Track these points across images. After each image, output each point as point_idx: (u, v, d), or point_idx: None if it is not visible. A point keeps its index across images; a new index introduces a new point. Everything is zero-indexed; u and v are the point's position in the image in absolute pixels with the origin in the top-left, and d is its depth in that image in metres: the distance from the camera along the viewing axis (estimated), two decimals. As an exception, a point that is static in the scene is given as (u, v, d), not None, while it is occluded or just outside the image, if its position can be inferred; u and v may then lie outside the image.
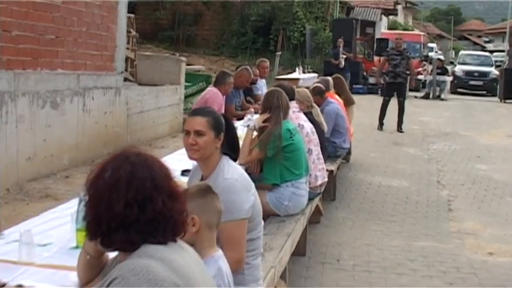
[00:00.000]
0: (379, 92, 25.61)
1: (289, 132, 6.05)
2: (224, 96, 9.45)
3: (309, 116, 7.42)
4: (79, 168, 10.07)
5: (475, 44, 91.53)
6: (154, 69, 15.03)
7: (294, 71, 22.29)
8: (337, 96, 10.47)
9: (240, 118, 9.21)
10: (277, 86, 6.91)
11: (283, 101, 6.11)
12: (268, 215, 6.04)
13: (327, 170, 8.13)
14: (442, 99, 26.05)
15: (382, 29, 39.89)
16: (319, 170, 6.89)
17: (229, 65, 28.00)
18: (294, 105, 6.87)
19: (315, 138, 6.94)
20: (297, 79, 19.20)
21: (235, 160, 4.09)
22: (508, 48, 33.01)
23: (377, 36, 34.54)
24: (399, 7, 52.71)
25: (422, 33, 39.51)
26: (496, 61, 36.66)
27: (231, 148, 4.05)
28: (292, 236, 5.52)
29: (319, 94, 9.23)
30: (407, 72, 16.43)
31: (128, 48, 13.63)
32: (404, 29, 46.82)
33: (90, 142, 10.88)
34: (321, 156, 7.00)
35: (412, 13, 71.53)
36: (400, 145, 14.43)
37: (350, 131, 10.39)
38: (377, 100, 23.26)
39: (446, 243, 7.60)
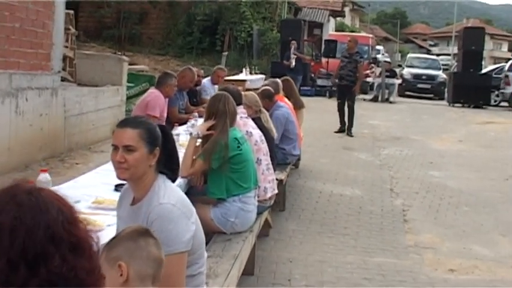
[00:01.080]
0: (327, 94, 25.32)
1: (236, 141, 5.46)
2: (167, 99, 8.84)
3: (258, 121, 6.84)
4: (11, 175, 9.36)
5: (421, 47, 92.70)
6: (95, 69, 14.32)
7: (241, 71, 21.70)
8: (286, 100, 9.94)
9: (184, 122, 8.62)
10: (223, 89, 6.33)
11: (229, 106, 5.52)
12: (213, 233, 5.48)
13: (276, 179, 7.60)
14: (390, 102, 25.76)
15: (329, 31, 39.64)
16: (268, 181, 6.32)
17: (175, 65, 27.40)
18: (241, 111, 6.28)
19: (264, 146, 6.36)
20: (244, 80, 18.66)
21: (173, 180, 3.47)
22: (456, 51, 32.94)
23: (324, 37, 34.20)
24: (346, 9, 52.65)
25: (370, 35, 39.27)
26: (442, 65, 36.60)
27: (169, 165, 3.43)
28: (240, 258, 4.94)
29: (268, 97, 8.67)
30: (355, 76, 15.91)
31: (66, 47, 12.90)
32: (352, 31, 46.76)
33: (24, 147, 10.17)
34: (270, 166, 6.43)
35: (359, 15, 71.85)
36: (351, 150, 13.95)
37: (300, 136, 9.85)
38: (325, 102, 23.04)
39: (404, 258, 7.10)
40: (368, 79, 27.27)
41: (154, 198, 3.22)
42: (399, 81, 28.12)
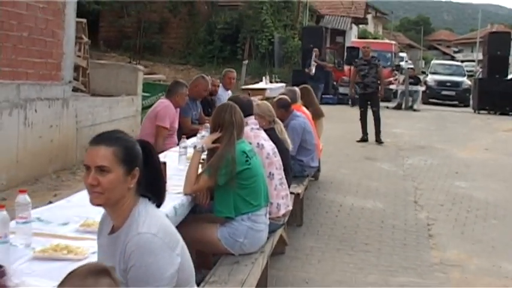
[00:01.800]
0: (350, 102, 24.88)
1: (244, 155, 5.02)
2: (178, 109, 8.44)
3: (271, 133, 6.40)
4: (20, 188, 9.01)
5: (445, 53, 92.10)
6: (110, 79, 14.02)
7: (261, 80, 21.33)
8: (304, 109, 9.52)
9: (196, 133, 8.21)
10: (231, 99, 5.90)
11: (236, 117, 5.08)
12: (220, 254, 5.06)
13: (292, 193, 7.19)
14: (414, 110, 25.23)
15: (352, 38, 39.18)
16: (281, 197, 5.84)
17: (196, 74, 26.96)
18: (252, 121, 5.86)
19: (277, 160, 5.89)
20: (264, 89, 18.33)
21: (159, 205, 3.02)
22: (481, 57, 32.36)
23: (347, 45, 33.74)
24: (369, 16, 52.20)
25: (393, 42, 38.74)
26: (467, 71, 35.97)
27: (153, 188, 2.97)
28: (248, 283, 4.50)
29: (284, 107, 8.25)
30: (378, 81, 15.55)
31: (79, 56, 12.61)
32: (375, 38, 46.31)
33: (33, 159, 9.86)
34: (284, 181, 5.96)
35: (382, 22, 71.45)
36: (373, 160, 13.48)
37: (319, 147, 9.40)
38: (348, 111, 22.59)
39: (429, 278, 6.61)
40: (391, 86, 26.88)
41: (133, 227, 2.78)
42: (423, 88, 27.59)
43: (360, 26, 48.22)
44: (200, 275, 5.69)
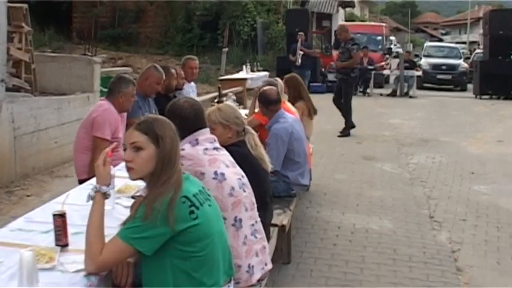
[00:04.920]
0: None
1: (187, 203, 2.98)
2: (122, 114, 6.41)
3: (240, 149, 4.35)
4: None
5: (432, 36, 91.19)
6: (62, 74, 11.94)
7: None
8: (289, 105, 7.56)
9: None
10: (169, 108, 3.89)
11: (166, 141, 3.08)
12: None
13: (276, 225, 5.25)
14: (410, 97, 23.26)
15: (339, 22, 37.20)
16: (255, 253, 3.76)
17: (175, 64, 25.06)
18: (206, 138, 3.81)
19: (247, 194, 3.81)
20: (244, 79, 16.35)
21: None
22: (472, 39, 30.47)
23: (334, 29, 31.78)
24: (356, -1, 50.32)
25: (384, 24, 36.69)
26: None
27: None
28: None
29: (266, 105, 6.28)
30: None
31: (19, 49, 10.57)
32: (362, 21, 44.50)
33: (-45, 178, 7.89)
34: (259, 226, 3.85)
35: (369, 6, 70.27)
36: (372, 160, 11.45)
37: (309, 156, 7.38)
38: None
39: None
40: (384, 72, 25.24)
41: None
42: (419, 73, 25.51)
43: (347, 9, 46.29)
44: None
